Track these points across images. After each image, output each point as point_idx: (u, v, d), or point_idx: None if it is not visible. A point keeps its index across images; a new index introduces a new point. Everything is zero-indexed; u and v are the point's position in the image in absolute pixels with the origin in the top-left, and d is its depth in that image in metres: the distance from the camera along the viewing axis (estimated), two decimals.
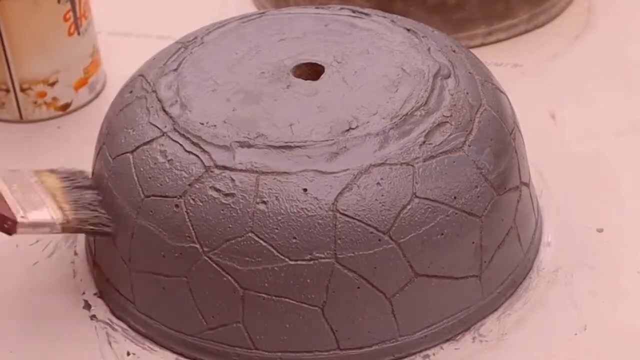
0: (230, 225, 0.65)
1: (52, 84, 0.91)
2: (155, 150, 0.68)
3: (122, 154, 0.70)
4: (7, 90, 0.90)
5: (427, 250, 0.66)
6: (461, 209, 0.67)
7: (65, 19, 0.89)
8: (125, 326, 0.72)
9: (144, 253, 0.69)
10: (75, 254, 0.78)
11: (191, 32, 0.79)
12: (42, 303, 0.74)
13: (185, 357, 0.70)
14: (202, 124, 0.68)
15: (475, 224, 0.68)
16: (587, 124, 0.87)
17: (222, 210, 0.65)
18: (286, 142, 0.66)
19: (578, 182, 0.81)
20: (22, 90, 0.90)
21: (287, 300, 0.65)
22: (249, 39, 0.76)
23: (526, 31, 1.00)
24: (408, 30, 0.76)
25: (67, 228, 0.69)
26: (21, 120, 0.91)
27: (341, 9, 0.79)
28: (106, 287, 0.74)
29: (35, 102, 0.91)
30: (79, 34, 0.90)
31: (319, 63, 0.73)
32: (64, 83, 0.91)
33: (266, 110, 0.69)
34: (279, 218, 0.64)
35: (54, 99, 0.91)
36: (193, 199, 0.66)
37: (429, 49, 0.74)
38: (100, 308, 0.74)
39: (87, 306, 0.74)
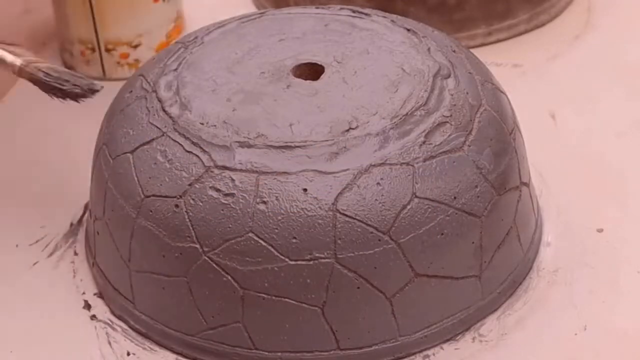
0: (230, 225, 0.65)
1: (135, 47, 0.95)
2: (155, 150, 0.68)
3: (122, 154, 0.70)
4: (93, 50, 0.95)
5: (427, 250, 0.66)
6: (461, 209, 0.67)
7: None
8: (125, 326, 0.72)
9: (144, 253, 0.69)
10: (75, 254, 0.78)
11: (191, 32, 0.79)
12: (42, 303, 0.74)
13: (185, 357, 0.70)
14: (202, 124, 0.68)
15: (475, 224, 0.68)
16: (587, 124, 0.87)
17: (222, 210, 0.65)
18: (286, 142, 0.66)
19: (578, 182, 0.81)
20: (107, 50, 0.94)
21: (287, 300, 0.65)
22: (249, 39, 0.76)
23: (526, 31, 1.00)
24: (408, 30, 0.76)
25: (24, 72, 0.73)
26: (104, 77, 0.96)
27: (341, 9, 0.79)
28: (106, 287, 0.74)
29: (118, 62, 0.95)
30: (164, 0, 0.95)
31: (319, 63, 0.73)
32: (147, 46, 0.95)
33: (266, 110, 0.69)
34: (279, 218, 0.64)
35: (136, 60, 0.95)
36: (193, 199, 0.66)
37: (429, 49, 0.74)
38: (100, 308, 0.74)
39: (87, 306, 0.74)
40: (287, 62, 0.74)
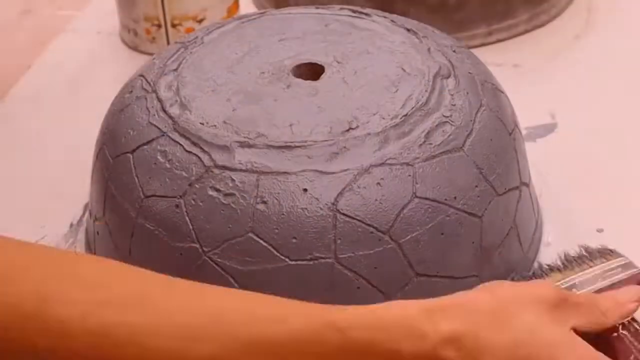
0: (230, 225, 0.65)
1: (200, 21, 0.97)
2: (155, 150, 0.68)
3: (122, 154, 0.70)
4: (159, 26, 0.96)
5: (427, 250, 0.66)
6: (461, 209, 0.67)
7: None
8: None
9: (144, 253, 0.69)
10: None
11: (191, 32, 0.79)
12: None
13: None
14: (202, 124, 0.68)
15: (475, 224, 0.68)
16: (587, 124, 0.87)
17: (222, 210, 0.65)
18: (286, 142, 0.66)
19: (578, 182, 0.81)
20: (173, 26, 0.96)
21: None
22: (249, 39, 0.76)
23: (526, 31, 1.00)
24: (408, 30, 0.76)
25: None
26: None
27: (341, 9, 0.79)
28: None
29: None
30: None
31: (319, 63, 0.73)
32: (210, 20, 0.96)
33: (266, 110, 0.69)
34: (279, 218, 0.64)
35: None
36: (193, 199, 0.66)
37: (429, 49, 0.74)
38: None
39: None
40: (287, 62, 0.74)
